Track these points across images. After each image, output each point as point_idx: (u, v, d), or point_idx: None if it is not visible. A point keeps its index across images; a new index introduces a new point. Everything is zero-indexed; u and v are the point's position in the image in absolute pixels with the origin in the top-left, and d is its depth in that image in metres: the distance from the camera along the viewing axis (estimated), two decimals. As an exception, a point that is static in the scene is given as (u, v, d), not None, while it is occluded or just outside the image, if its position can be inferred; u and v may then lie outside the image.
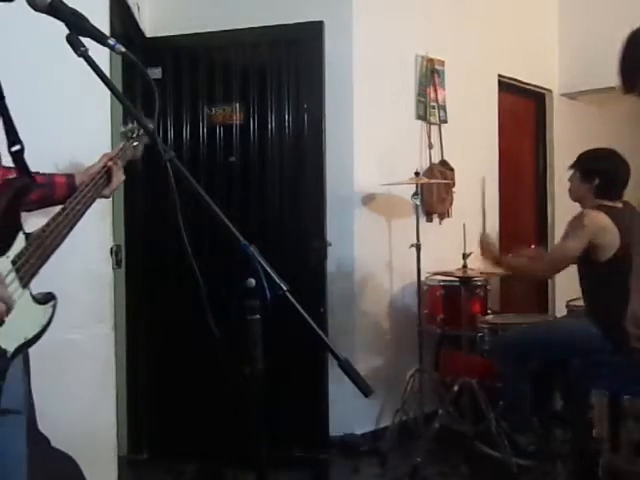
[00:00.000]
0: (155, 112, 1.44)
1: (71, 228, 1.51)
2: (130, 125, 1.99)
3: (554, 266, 3.46)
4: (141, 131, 1.99)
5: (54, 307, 1.46)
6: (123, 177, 1.91)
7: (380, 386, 3.94)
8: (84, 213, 1.58)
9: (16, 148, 1.47)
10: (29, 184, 1.47)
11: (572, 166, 3.52)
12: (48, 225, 1.43)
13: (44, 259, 1.41)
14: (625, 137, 5.98)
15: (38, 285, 1.43)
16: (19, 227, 1.38)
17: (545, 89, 5.38)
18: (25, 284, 1.36)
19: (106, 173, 1.83)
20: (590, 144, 3.67)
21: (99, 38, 1.37)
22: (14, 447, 1.48)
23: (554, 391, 3.75)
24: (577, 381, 3.42)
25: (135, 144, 1.99)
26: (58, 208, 1.53)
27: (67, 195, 1.67)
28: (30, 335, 1.38)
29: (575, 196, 3.51)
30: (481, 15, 4.65)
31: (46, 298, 1.45)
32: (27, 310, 1.38)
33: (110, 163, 1.84)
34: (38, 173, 1.81)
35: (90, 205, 1.64)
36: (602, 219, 3.25)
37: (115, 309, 2.87)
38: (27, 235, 1.39)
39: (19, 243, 1.36)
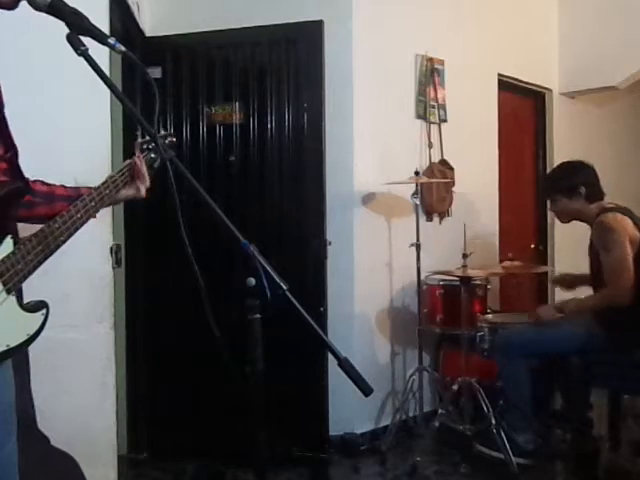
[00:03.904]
0: (155, 111, 1.44)
1: (69, 236, 1.42)
2: (147, 137, 1.87)
3: (623, 281, 3.16)
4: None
5: (45, 316, 1.38)
6: (143, 193, 1.84)
7: (380, 385, 3.94)
8: (83, 223, 1.47)
9: (10, 153, 1.41)
10: (21, 188, 1.42)
11: (549, 195, 3.57)
12: (42, 231, 1.37)
13: (35, 265, 1.34)
14: (624, 136, 6.00)
15: (38, 285, 1.41)
16: (9, 231, 1.33)
17: (545, 88, 5.38)
18: (10, 290, 1.29)
19: (129, 173, 1.75)
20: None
21: (99, 37, 1.36)
22: None
23: (554, 390, 3.75)
24: (577, 380, 3.43)
25: (153, 155, 1.88)
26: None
27: None
28: (13, 343, 1.30)
29: (570, 215, 3.52)
30: (481, 14, 4.64)
31: (37, 306, 1.37)
32: (12, 317, 1.31)
33: (135, 160, 1.75)
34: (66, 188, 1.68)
35: (91, 215, 1.51)
36: (621, 217, 3.26)
37: (115, 308, 2.87)
38: (16, 240, 1.32)
39: (6, 248, 1.30)
